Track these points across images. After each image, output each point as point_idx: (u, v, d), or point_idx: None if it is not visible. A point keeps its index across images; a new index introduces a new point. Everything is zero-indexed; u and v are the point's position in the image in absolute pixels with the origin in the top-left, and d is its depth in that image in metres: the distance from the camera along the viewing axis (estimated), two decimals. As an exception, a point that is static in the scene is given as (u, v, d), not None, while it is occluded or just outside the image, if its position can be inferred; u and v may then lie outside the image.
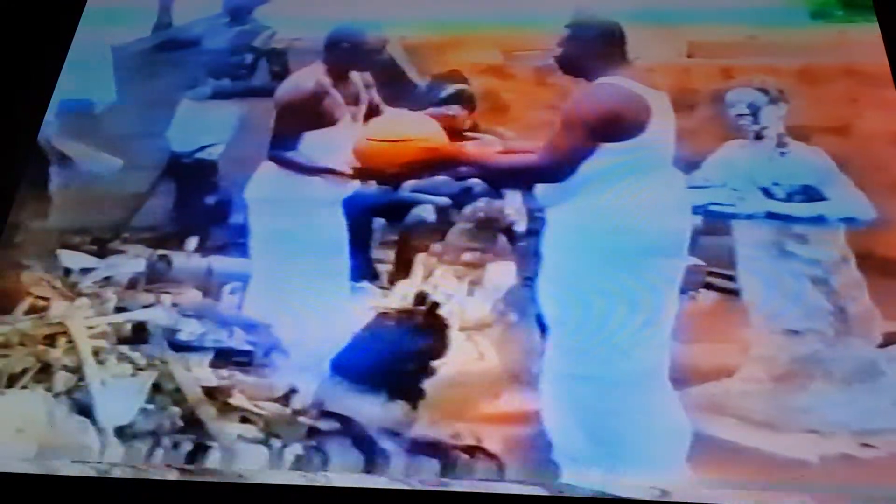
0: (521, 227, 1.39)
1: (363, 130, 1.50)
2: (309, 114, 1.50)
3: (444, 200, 1.45)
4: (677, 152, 1.40)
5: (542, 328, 1.28)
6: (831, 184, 1.37)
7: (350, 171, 1.46)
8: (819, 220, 1.34)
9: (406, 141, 1.46)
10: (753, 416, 1.18)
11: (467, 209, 1.43)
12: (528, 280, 1.33)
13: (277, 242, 1.42)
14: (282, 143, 1.49)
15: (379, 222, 1.45)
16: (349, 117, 1.51)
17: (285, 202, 1.45)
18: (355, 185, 1.46)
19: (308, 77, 1.53)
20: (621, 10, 1.63)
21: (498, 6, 1.67)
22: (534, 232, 1.38)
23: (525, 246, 1.37)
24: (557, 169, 1.37)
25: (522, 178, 1.41)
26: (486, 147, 1.47)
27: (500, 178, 1.43)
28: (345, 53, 1.54)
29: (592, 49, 1.45)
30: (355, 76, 1.54)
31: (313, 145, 1.50)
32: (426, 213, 1.45)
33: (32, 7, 1.73)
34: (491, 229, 1.40)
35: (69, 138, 1.57)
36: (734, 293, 1.29)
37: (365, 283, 1.37)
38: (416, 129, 1.48)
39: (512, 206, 1.41)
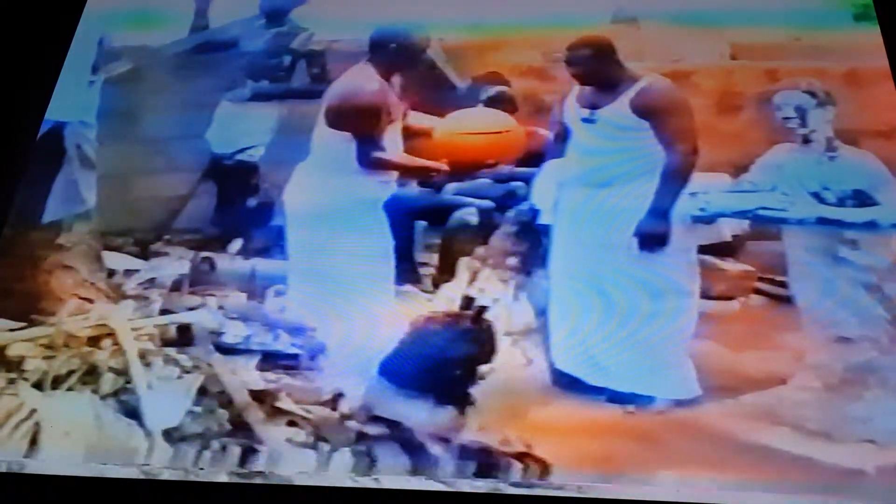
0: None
1: (445, 125, 1.49)
2: (379, 114, 1.48)
3: (487, 203, 1.44)
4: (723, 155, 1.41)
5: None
6: (883, 188, 1.35)
7: (447, 167, 1.46)
8: (871, 225, 1.32)
9: (502, 133, 1.46)
10: (808, 424, 1.16)
11: (510, 212, 1.42)
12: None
13: (319, 246, 1.41)
14: (368, 146, 1.46)
15: (420, 225, 1.45)
16: (401, 115, 1.50)
17: (326, 206, 1.45)
18: (398, 187, 1.45)
19: (368, 78, 1.50)
20: (662, 10, 1.63)
21: (537, 8, 1.66)
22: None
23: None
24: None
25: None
26: None
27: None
28: (392, 54, 1.53)
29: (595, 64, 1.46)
30: (395, 76, 1.54)
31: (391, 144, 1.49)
32: (469, 216, 1.44)
33: (32, 7, 1.72)
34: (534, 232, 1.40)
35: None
36: (786, 300, 1.28)
37: (409, 287, 1.36)
38: (500, 123, 1.48)
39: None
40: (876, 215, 1.33)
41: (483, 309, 1.30)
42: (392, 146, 1.48)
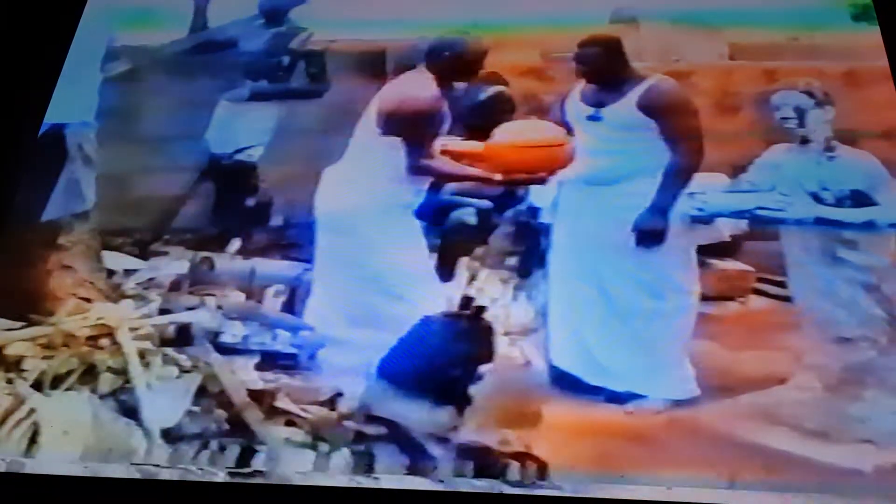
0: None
1: (499, 136, 1.47)
2: (433, 121, 1.45)
3: (486, 203, 1.44)
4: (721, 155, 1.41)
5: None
6: (881, 189, 1.35)
7: (499, 178, 1.43)
8: (869, 225, 1.32)
9: (557, 145, 1.45)
10: (806, 425, 1.16)
11: (509, 212, 1.42)
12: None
13: (332, 248, 1.41)
14: (418, 153, 1.43)
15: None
16: (450, 123, 1.48)
17: (352, 210, 1.43)
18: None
19: (424, 85, 1.47)
20: (661, 11, 1.63)
21: (537, 8, 1.66)
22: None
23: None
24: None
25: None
26: None
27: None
28: (446, 62, 1.50)
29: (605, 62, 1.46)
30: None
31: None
32: (467, 216, 1.44)
33: (33, 7, 1.72)
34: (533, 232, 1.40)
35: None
36: (785, 300, 1.28)
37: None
38: (553, 136, 1.47)
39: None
40: (874, 215, 1.33)
41: (482, 309, 1.30)
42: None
